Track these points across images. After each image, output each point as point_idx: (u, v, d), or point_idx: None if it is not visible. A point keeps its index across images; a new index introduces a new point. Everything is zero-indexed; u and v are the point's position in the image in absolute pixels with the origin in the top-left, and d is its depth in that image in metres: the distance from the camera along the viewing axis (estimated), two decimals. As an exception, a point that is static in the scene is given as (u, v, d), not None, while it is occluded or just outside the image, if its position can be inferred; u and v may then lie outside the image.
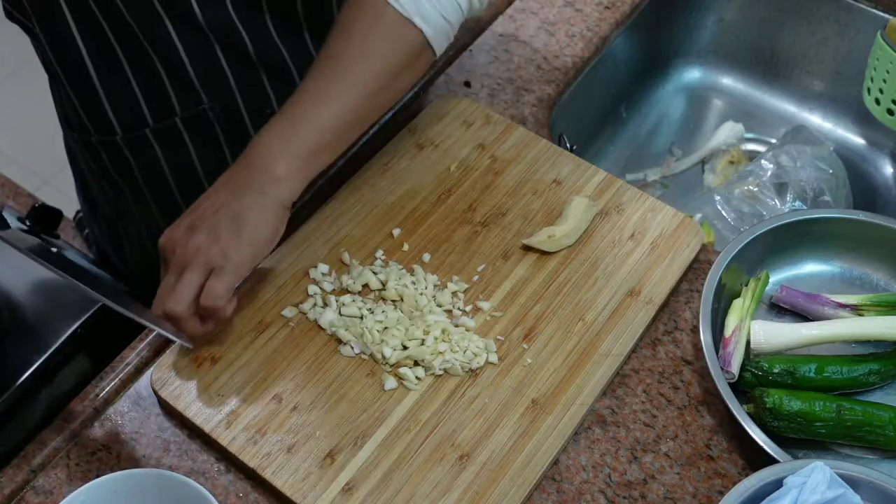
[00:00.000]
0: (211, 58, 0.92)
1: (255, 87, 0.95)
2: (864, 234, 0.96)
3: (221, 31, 0.90)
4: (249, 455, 0.81)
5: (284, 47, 0.94)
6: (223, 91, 0.95)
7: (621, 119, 1.41)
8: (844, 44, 1.33)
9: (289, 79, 0.97)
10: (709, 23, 1.42)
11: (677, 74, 1.46)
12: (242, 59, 0.93)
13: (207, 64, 0.92)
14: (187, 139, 0.98)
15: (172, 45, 0.89)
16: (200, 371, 0.86)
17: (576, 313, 0.91)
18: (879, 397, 0.89)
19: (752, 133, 1.41)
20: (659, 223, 0.98)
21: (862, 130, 1.38)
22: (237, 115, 0.97)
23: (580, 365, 0.87)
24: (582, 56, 1.20)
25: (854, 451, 0.86)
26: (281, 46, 0.94)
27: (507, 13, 1.23)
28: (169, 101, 0.95)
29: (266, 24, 0.92)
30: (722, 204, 1.24)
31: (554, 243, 0.94)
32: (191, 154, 1.00)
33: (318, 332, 0.89)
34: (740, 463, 0.85)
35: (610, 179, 1.01)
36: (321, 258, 0.94)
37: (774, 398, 0.83)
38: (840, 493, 0.73)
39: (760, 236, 0.94)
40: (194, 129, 0.98)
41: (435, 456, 0.82)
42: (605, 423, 0.86)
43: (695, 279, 0.96)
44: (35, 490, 0.82)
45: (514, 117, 1.10)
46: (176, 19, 0.87)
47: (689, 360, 0.91)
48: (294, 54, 0.95)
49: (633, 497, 0.82)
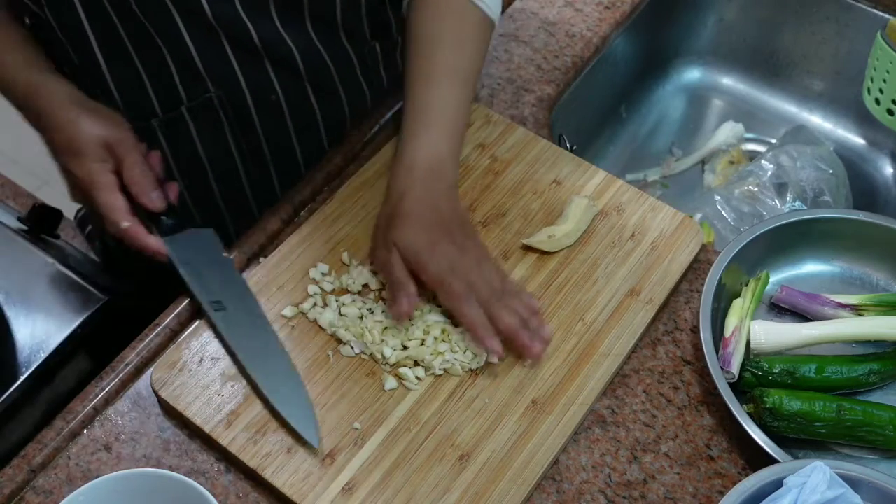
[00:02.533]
0: (218, 49, 0.94)
1: (260, 75, 0.98)
2: (864, 234, 0.96)
3: (228, 24, 0.92)
4: (249, 455, 0.81)
5: (289, 38, 0.96)
6: (229, 79, 0.97)
7: (621, 119, 1.41)
8: (844, 44, 1.33)
9: (292, 67, 0.99)
10: (709, 23, 1.42)
11: (677, 74, 1.46)
12: (248, 50, 0.95)
13: (214, 54, 0.94)
14: (192, 128, 1.00)
15: (181, 37, 0.91)
16: (200, 371, 0.86)
17: (576, 313, 0.91)
18: (879, 397, 0.89)
19: (752, 133, 1.41)
20: (659, 223, 0.98)
21: (862, 130, 1.38)
22: (242, 102, 0.99)
23: (580, 365, 0.87)
24: (582, 56, 1.20)
25: (854, 451, 0.86)
26: (286, 38, 0.96)
27: (507, 13, 1.23)
28: (176, 90, 0.97)
29: (272, 17, 0.94)
30: (722, 204, 1.24)
31: (554, 243, 0.94)
32: (195, 143, 1.02)
33: (318, 331, 0.89)
34: (740, 463, 0.85)
35: (610, 179, 1.01)
36: (321, 258, 0.94)
37: (774, 398, 0.83)
38: (840, 493, 0.73)
39: (760, 236, 0.94)
40: (200, 118, 1.00)
41: (435, 456, 0.82)
42: (605, 423, 0.86)
43: (695, 279, 0.96)
44: (35, 490, 0.82)
45: (514, 117, 1.10)
46: (185, 14, 0.89)
47: (689, 360, 0.91)
48: (298, 44, 0.97)
49: (633, 497, 0.82)
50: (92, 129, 0.88)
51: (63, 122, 0.88)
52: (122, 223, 0.87)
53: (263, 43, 0.95)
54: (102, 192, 0.87)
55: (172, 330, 0.91)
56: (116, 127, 0.90)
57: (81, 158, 0.87)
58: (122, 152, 0.88)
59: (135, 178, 0.88)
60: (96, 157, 0.88)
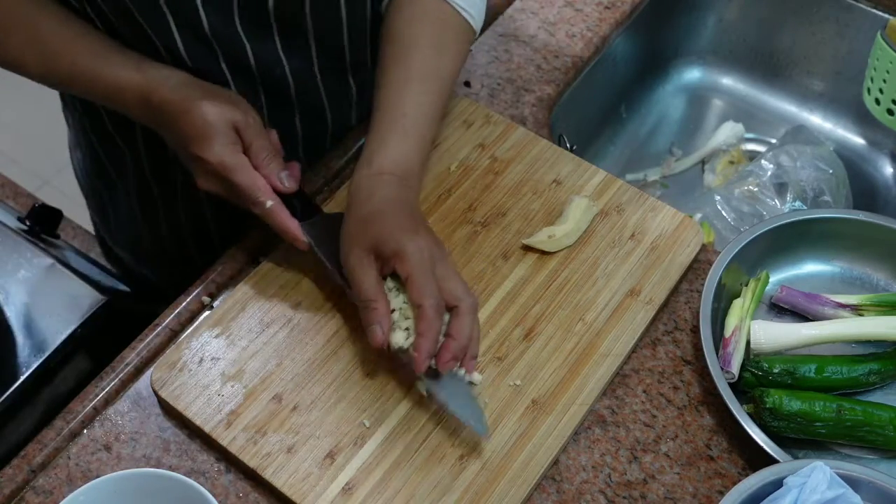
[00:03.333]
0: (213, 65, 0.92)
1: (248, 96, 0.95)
2: (864, 234, 0.96)
3: (226, 42, 0.90)
4: (249, 455, 0.81)
5: (288, 63, 0.95)
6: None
7: (621, 119, 1.41)
8: (844, 44, 1.33)
9: (282, 87, 0.97)
10: (709, 23, 1.42)
11: (677, 74, 1.46)
12: (243, 70, 0.93)
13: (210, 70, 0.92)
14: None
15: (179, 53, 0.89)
16: (200, 371, 0.86)
17: (576, 313, 0.91)
18: (879, 397, 0.89)
19: (752, 133, 1.41)
20: (659, 223, 0.98)
21: (862, 130, 1.38)
22: None
23: (580, 365, 0.87)
24: (582, 56, 1.20)
25: (854, 451, 0.86)
26: (286, 62, 0.95)
27: (507, 13, 1.23)
28: None
29: (274, 39, 0.93)
30: (722, 204, 1.24)
31: (554, 243, 0.94)
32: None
33: (318, 331, 0.89)
34: (740, 463, 0.85)
35: (610, 179, 1.01)
36: (321, 258, 0.94)
37: (774, 398, 0.83)
38: (840, 493, 0.73)
39: (760, 236, 0.94)
40: None
41: (435, 456, 0.82)
42: (605, 423, 0.86)
43: (695, 279, 0.96)
44: (35, 490, 0.82)
45: (514, 117, 1.10)
46: (183, 28, 0.88)
47: (689, 360, 0.91)
48: (294, 68, 0.96)
49: (633, 497, 0.82)
50: (218, 112, 0.84)
51: (185, 108, 0.84)
52: (266, 202, 0.84)
53: (259, 66, 0.93)
54: (240, 173, 0.84)
55: (172, 330, 0.91)
56: (240, 109, 0.86)
57: (210, 142, 0.83)
58: (250, 135, 0.86)
59: (265, 161, 0.86)
60: (227, 139, 0.84)
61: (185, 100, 0.84)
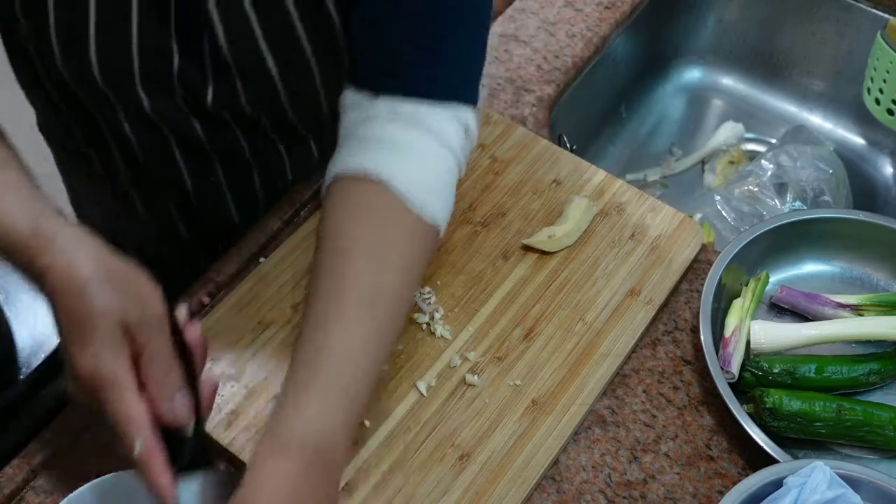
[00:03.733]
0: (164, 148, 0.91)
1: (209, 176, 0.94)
2: (864, 234, 0.96)
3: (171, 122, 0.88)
4: (249, 455, 0.81)
5: (247, 143, 0.93)
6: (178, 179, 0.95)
7: (621, 119, 1.41)
8: (844, 44, 1.33)
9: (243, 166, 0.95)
10: (709, 23, 1.42)
11: (677, 74, 1.46)
12: (196, 151, 0.92)
13: (160, 153, 0.91)
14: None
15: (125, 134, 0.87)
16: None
17: (576, 313, 0.91)
18: (879, 397, 0.89)
19: (752, 133, 1.41)
20: (659, 223, 0.98)
21: (862, 130, 1.38)
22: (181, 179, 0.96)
23: (580, 365, 0.87)
24: (582, 56, 1.20)
25: (854, 451, 0.86)
26: (244, 143, 0.93)
27: (507, 13, 1.23)
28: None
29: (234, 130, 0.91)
30: (722, 204, 1.24)
31: (554, 243, 0.94)
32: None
33: (318, 332, 0.89)
34: (740, 463, 0.85)
35: (610, 179, 1.01)
36: (321, 258, 0.94)
37: (774, 398, 0.83)
38: (840, 493, 0.73)
39: (760, 236, 0.94)
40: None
41: (435, 456, 0.82)
42: (605, 423, 0.86)
43: (695, 279, 0.96)
44: (35, 490, 0.82)
45: (514, 117, 1.10)
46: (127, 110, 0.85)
47: (689, 360, 0.91)
48: (253, 146, 0.94)
49: (633, 497, 0.82)
50: (105, 303, 0.62)
51: (66, 287, 0.62)
52: (137, 445, 0.62)
53: (212, 145, 0.91)
54: (112, 393, 0.62)
55: (172, 330, 0.91)
56: (138, 298, 0.64)
57: (86, 343, 0.62)
58: (145, 335, 0.63)
59: (155, 376, 0.63)
60: (108, 341, 0.62)
61: (70, 276, 0.62)
